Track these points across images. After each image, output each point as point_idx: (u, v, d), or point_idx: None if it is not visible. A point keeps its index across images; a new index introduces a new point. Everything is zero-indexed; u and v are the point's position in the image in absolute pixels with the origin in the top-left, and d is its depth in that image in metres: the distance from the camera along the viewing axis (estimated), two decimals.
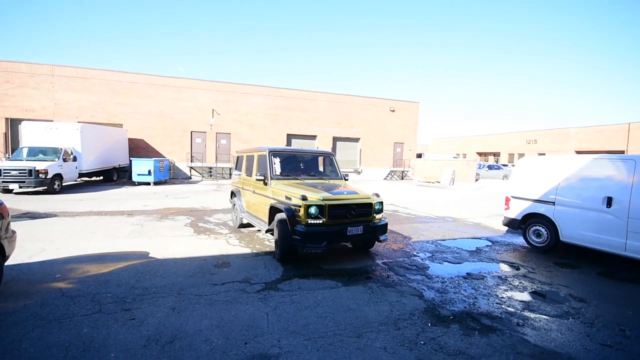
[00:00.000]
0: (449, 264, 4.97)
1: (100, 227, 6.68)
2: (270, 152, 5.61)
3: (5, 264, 3.68)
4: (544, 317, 3.29)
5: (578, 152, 31.96)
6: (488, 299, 3.68)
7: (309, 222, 4.29)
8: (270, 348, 2.61)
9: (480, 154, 46.02)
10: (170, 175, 18.97)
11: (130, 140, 18.97)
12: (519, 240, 6.66)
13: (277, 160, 5.59)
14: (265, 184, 5.38)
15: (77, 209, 8.66)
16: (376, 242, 5.48)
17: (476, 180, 22.78)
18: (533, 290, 4.03)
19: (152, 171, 15.65)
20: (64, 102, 18.59)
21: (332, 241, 4.51)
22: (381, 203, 4.93)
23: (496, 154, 43.88)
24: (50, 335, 2.67)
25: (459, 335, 2.88)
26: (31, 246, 5.13)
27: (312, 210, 4.30)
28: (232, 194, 7.31)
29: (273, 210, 5.03)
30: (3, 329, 2.77)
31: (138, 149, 19.53)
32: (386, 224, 4.96)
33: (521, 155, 37.63)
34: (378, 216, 4.88)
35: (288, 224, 4.42)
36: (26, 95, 18.19)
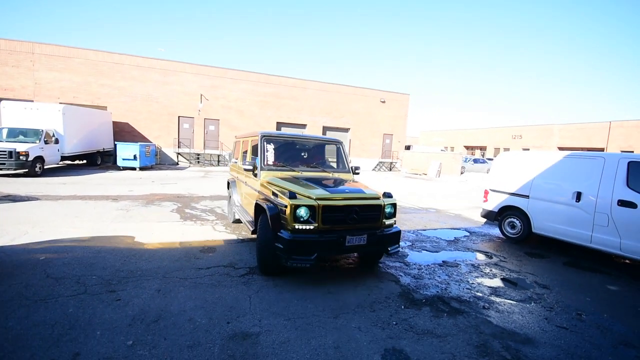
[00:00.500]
0: (427, 252, 5.21)
1: (84, 212, 6.64)
2: (263, 136, 4.67)
3: None
4: (508, 301, 3.55)
5: (560, 149, 32.95)
6: (459, 285, 3.92)
7: (297, 227, 3.36)
8: (251, 327, 2.76)
9: (467, 147, 46.88)
10: (156, 161, 18.70)
11: (115, 123, 18.54)
12: (495, 231, 6.97)
13: (270, 147, 4.67)
14: (255, 175, 4.54)
15: (60, 193, 8.54)
16: (384, 255, 4.52)
17: (462, 173, 23.31)
18: (502, 277, 4.30)
19: (137, 156, 15.41)
20: (45, 82, 17.94)
21: (325, 253, 3.60)
22: (393, 205, 3.93)
23: (483, 148, 44.78)
24: (36, 314, 2.75)
25: (428, 317, 3.09)
26: (13, 229, 5.10)
27: (301, 212, 3.36)
28: (228, 185, 6.64)
29: (258, 209, 4.14)
30: None
31: (123, 132, 19.12)
32: (399, 232, 3.92)
33: (507, 149, 38.58)
34: (388, 222, 3.88)
35: (270, 228, 3.52)
36: (5, 73, 17.45)
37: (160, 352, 2.38)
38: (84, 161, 16.49)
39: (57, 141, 13.07)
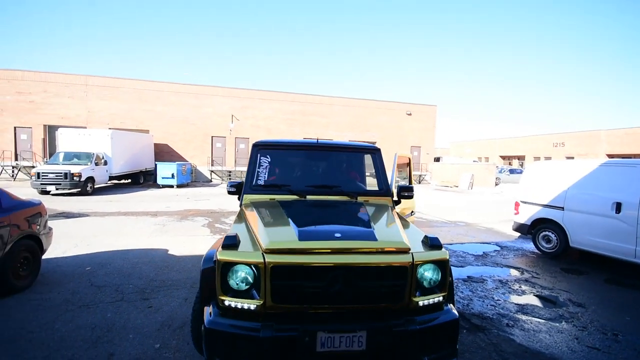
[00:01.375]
0: (451, 267, 5.06)
1: (127, 226, 7.24)
2: (256, 146, 3.24)
3: (43, 257, 4.17)
4: (536, 319, 3.37)
5: (609, 156, 30.36)
6: (483, 301, 3.78)
7: (227, 303, 1.85)
8: None
9: (503, 157, 44.66)
10: (192, 179, 19.83)
11: (155, 145, 20.03)
12: (529, 246, 6.60)
13: (266, 161, 3.19)
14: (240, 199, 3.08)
15: (107, 210, 9.36)
16: None
17: (496, 184, 22.23)
18: (532, 294, 4.08)
19: (175, 174, 16.47)
20: (96, 110, 19.93)
21: None
22: (440, 265, 2.02)
23: (520, 158, 42.42)
24: (80, 318, 3.07)
25: None
26: (65, 243, 5.69)
27: (237, 275, 1.86)
28: None
29: None
30: (40, 311, 3.21)
31: (162, 153, 20.57)
32: (453, 324, 1.98)
33: (547, 158, 36.23)
34: (426, 301, 1.97)
35: (200, 299, 2.13)
36: (62, 103, 19.65)
37: (182, 356, 2.57)
38: (129, 180, 17.88)
39: (105, 163, 14.39)
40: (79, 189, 12.59)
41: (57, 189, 12.52)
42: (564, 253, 5.74)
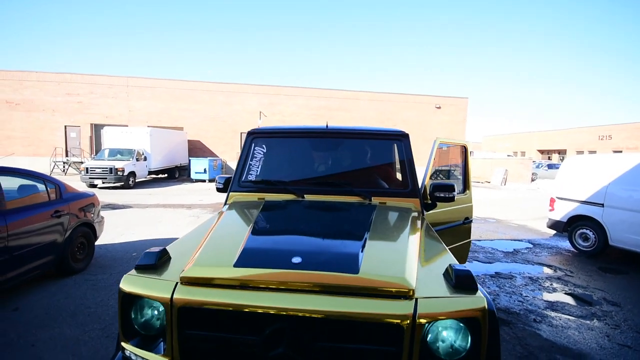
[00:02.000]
0: (478, 263, 5.01)
1: (165, 217, 7.79)
2: (250, 134, 2.71)
3: (95, 243, 4.65)
4: (565, 316, 3.30)
5: None
6: (510, 297, 3.75)
7: (128, 354, 1.29)
8: None
9: (541, 151, 42.08)
10: (222, 173, 20.65)
11: (189, 141, 21.03)
12: (565, 244, 6.32)
13: (260, 152, 2.67)
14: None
15: (147, 202, 10.07)
16: None
17: (532, 180, 21.10)
18: (563, 292, 3.96)
19: (207, 169, 17.26)
20: (136, 109, 21.25)
21: None
22: (472, 323, 1.13)
23: (561, 152, 39.75)
24: None
25: None
26: (112, 231, 6.25)
27: (141, 315, 1.31)
28: None
29: None
30: (96, 290, 3.62)
31: (195, 149, 21.56)
32: None
33: (592, 152, 33.67)
34: None
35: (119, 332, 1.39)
36: (106, 104, 21.13)
37: None
38: (165, 175, 18.95)
39: (145, 158, 15.39)
40: (122, 183, 13.59)
41: (103, 183, 13.60)
42: (603, 252, 5.46)
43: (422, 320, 1.12)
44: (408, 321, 1.12)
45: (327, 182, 2.48)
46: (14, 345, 2.58)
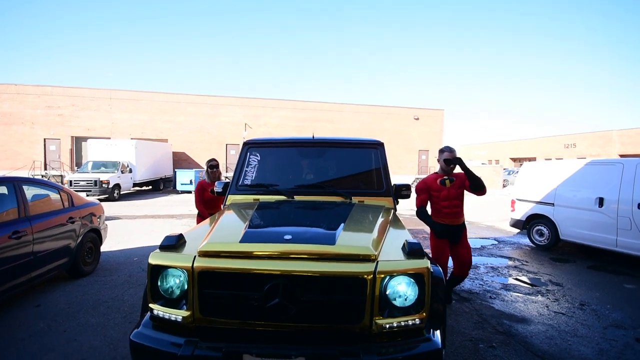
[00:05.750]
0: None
1: (156, 227, 8.08)
2: (246, 144, 3.21)
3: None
4: (515, 294, 3.97)
5: (622, 156, 30.09)
6: (473, 282, 4.40)
7: (156, 312, 1.70)
8: None
9: (514, 159, 44.49)
10: None
11: (174, 153, 21.14)
12: (525, 240, 7.13)
13: (255, 160, 3.14)
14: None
15: (136, 213, 10.27)
16: None
17: (504, 186, 22.49)
18: (517, 277, 4.67)
19: (193, 181, 17.43)
20: (119, 121, 21.22)
21: None
22: (418, 278, 1.60)
23: (531, 159, 42.21)
24: (142, 292, 3.84)
25: None
26: (109, 240, 6.50)
27: (166, 282, 1.72)
28: None
29: None
30: (109, 288, 3.99)
31: (180, 161, 21.67)
32: (431, 357, 1.54)
33: (559, 159, 36.02)
34: (395, 322, 1.57)
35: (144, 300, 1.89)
36: (89, 116, 21.01)
37: None
38: (150, 187, 18.96)
39: (130, 171, 15.46)
40: (107, 195, 13.60)
41: (87, 195, 13.51)
42: (556, 245, 6.27)
43: (381, 276, 1.55)
44: (370, 277, 1.54)
45: (314, 185, 2.88)
46: (47, 332, 2.95)
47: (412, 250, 1.66)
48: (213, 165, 4.26)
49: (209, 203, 4.14)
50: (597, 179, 5.69)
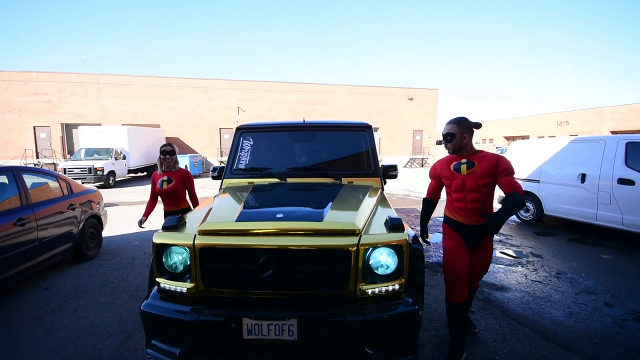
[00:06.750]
0: (438, 234, 5.94)
1: (155, 212, 8.19)
2: (239, 129, 3.35)
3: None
4: (497, 265, 4.24)
5: (614, 132, 30.49)
6: None
7: (162, 285, 1.88)
8: None
9: (507, 138, 44.79)
10: (203, 170, 20.82)
11: (167, 138, 20.95)
12: (512, 217, 7.42)
13: (248, 144, 3.27)
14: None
15: (132, 199, 10.39)
16: None
17: None
18: (501, 250, 4.94)
19: (187, 166, 17.44)
20: (109, 107, 20.87)
21: (204, 348, 1.78)
22: (396, 249, 1.79)
23: (525, 138, 42.53)
24: (146, 272, 4.04)
25: (428, 275, 3.93)
26: (109, 226, 6.66)
27: (170, 259, 1.89)
28: None
29: None
30: (113, 271, 4.18)
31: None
32: (408, 317, 1.74)
33: (551, 137, 36.35)
34: (376, 289, 1.76)
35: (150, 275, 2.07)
36: (77, 102, 20.61)
37: None
38: (145, 173, 18.95)
39: (124, 157, 15.40)
40: (102, 182, 13.63)
41: (82, 183, 13.57)
42: (540, 220, 6.56)
43: (364, 247, 1.73)
44: (354, 248, 1.71)
45: (305, 167, 3.02)
46: (58, 311, 3.15)
47: (393, 225, 1.84)
48: (166, 151, 3.33)
49: (169, 198, 3.49)
50: (580, 156, 5.90)
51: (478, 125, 2.37)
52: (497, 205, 8.12)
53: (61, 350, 2.52)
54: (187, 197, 3.64)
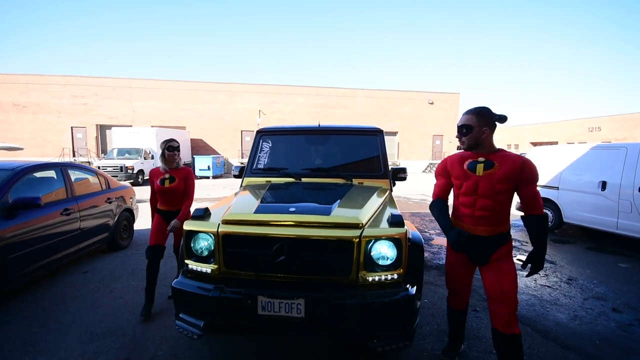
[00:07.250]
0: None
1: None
2: (259, 132, 3.64)
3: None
4: None
5: None
6: None
7: (190, 266, 2.19)
8: None
9: (534, 144, 43.16)
10: (224, 170, 21.55)
11: (192, 140, 21.91)
12: None
13: (267, 146, 3.55)
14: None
15: None
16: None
17: None
18: (515, 256, 4.95)
19: (210, 166, 18.17)
20: (139, 110, 22.07)
21: (225, 320, 2.06)
22: (396, 243, 1.99)
23: (553, 144, 40.85)
24: (174, 262, 4.40)
25: (434, 275, 4.05)
26: (140, 219, 7.18)
27: (198, 243, 2.17)
28: None
29: None
30: (144, 259, 4.55)
31: (198, 147, 22.44)
32: (404, 302, 1.91)
33: (582, 143, 34.74)
34: (376, 277, 1.98)
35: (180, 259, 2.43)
36: (111, 105, 21.94)
37: None
38: None
39: (152, 157, 16.27)
40: (132, 180, 14.49)
41: None
42: (559, 227, 6.46)
43: (365, 239, 1.94)
44: (357, 240, 1.93)
45: (319, 168, 3.24)
46: (97, 292, 3.53)
47: (394, 221, 2.04)
48: (173, 146, 3.09)
49: (167, 196, 3.16)
50: (601, 163, 5.79)
51: (503, 119, 1.98)
52: (515, 212, 8.04)
53: (101, 323, 2.88)
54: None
